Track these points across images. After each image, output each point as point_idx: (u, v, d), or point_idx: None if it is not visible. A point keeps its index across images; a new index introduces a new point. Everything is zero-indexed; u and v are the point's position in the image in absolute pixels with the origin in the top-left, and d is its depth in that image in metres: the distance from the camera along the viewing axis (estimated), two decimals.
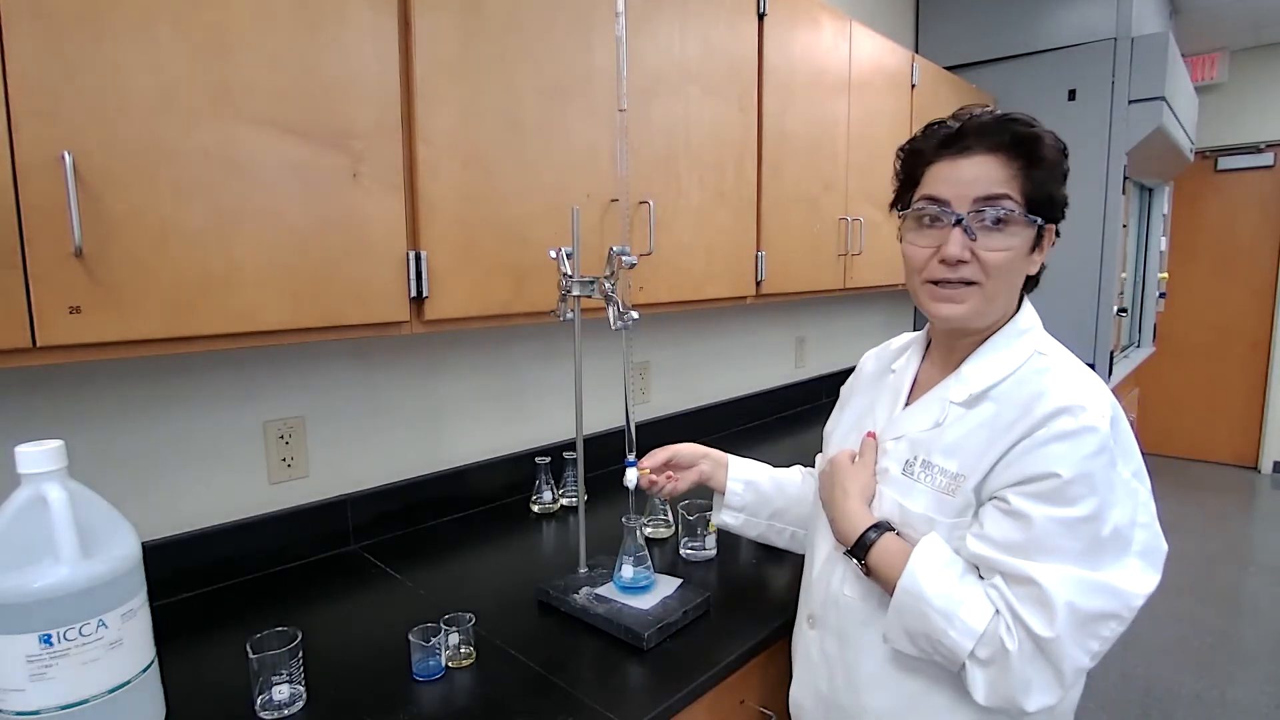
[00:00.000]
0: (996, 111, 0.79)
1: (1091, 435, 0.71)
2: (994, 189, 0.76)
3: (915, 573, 0.75)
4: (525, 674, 0.90)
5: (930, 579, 0.74)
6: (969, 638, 0.72)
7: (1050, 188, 0.78)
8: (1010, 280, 0.80)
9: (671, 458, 1.10)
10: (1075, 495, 0.70)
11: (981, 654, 0.72)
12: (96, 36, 0.73)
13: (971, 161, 0.77)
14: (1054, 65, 2.87)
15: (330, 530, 1.29)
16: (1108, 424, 0.72)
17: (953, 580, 0.74)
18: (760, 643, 0.99)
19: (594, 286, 1.03)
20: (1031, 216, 0.77)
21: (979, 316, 0.81)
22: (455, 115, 1.04)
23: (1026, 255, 0.79)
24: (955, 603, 0.73)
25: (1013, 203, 0.76)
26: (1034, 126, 0.77)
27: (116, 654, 0.71)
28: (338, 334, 0.97)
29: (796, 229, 1.80)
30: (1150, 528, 0.75)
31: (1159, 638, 2.64)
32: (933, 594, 0.73)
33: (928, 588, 0.74)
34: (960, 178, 0.78)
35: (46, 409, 1.00)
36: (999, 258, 0.77)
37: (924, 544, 0.77)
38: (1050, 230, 0.80)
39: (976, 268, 0.78)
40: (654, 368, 1.95)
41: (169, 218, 0.79)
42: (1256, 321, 4.58)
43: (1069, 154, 0.80)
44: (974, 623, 0.72)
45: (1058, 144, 0.78)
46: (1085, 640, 0.70)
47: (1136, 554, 0.73)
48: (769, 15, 1.60)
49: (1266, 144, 4.44)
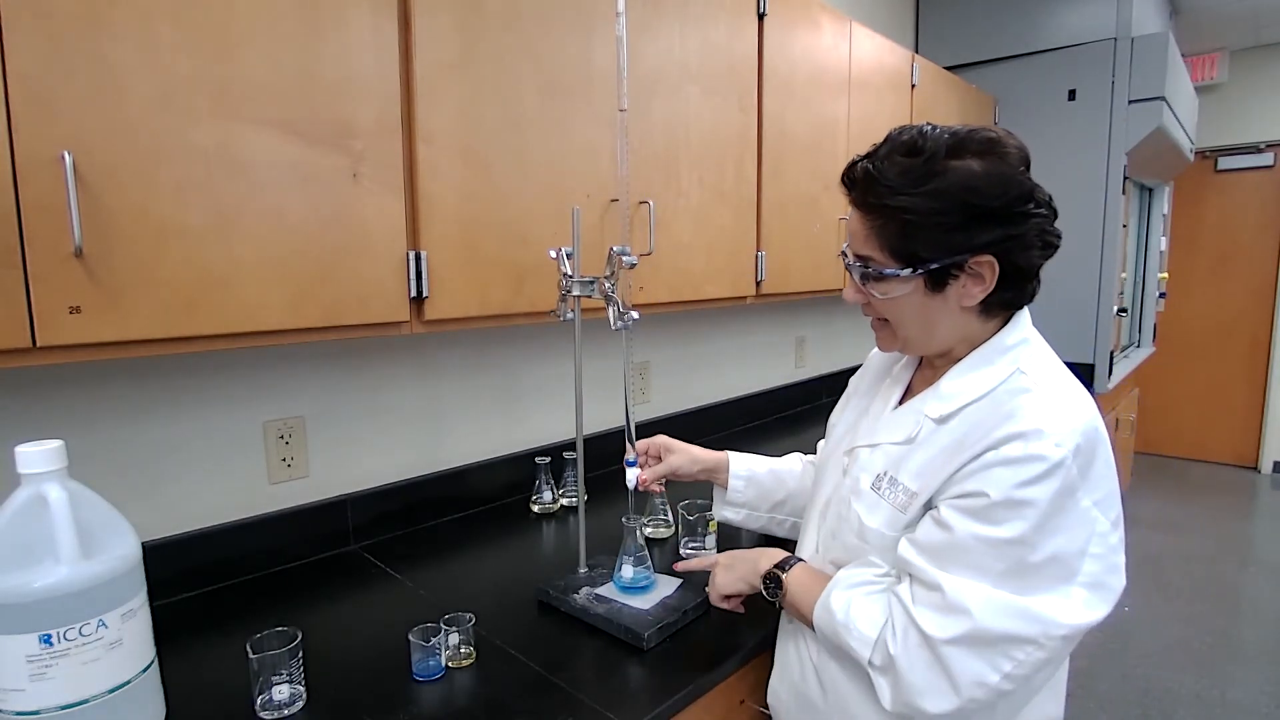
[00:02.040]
0: (893, 148, 0.76)
1: (1036, 463, 0.68)
2: (859, 248, 0.79)
3: (831, 589, 0.80)
4: (525, 674, 0.90)
5: (838, 597, 0.79)
6: (865, 645, 0.75)
7: (914, 243, 0.74)
8: (917, 319, 0.79)
9: (670, 474, 1.11)
10: (1001, 517, 0.68)
11: (877, 660, 0.74)
12: (96, 36, 0.73)
13: (853, 216, 0.81)
14: (1054, 65, 2.87)
15: (330, 530, 1.29)
16: (1067, 451, 0.68)
17: (859, 593, 0.78)
18: (760, 643, 0.99)
19: (594, 286, 1.03)
20: (905, 270, 0.75)
21: (910, 347, 0.84)
22: (455, 115, 1.04)
23: (930, 296, 0.77)
24: (854, 613, 0.76)
25: (877, 262, 0.77)
26: (880, 187, 0.74)
27: (116, 654, 0.71)
28: (338, 334, 0.97)
29: (796, 229, 1.80)
30: (1105, 560, 0.70)
31: (1159, 638, 2.64)
32: (836, 606, 0.78)
33: (834, 601, 0.79)
34: (850, 228, 0.82)
35: (46, 409, 1.00)
36: (886, 304, 0.80)
37: (847, 567, 0.82)
38: (981, 263, 0.74)
39: (878, 310, 0.82)
40: (654, 368, 1.95)
41: (169, 218, 0.79)
42: (1256, 321, 4.58)
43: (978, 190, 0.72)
44: (867, 630, 0.75)
45: (925, 193, 0.72)
46: (992, 658, 0.68)
47: (1082, 584, 0.69)
48: (769, 15, 1.60)
49: (1266, 144, 4.44)
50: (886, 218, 0.75)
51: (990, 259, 0.74)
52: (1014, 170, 0.74)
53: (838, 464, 0.91)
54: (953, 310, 0.78)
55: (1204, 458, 4.84)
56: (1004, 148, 0.74)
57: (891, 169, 0.74)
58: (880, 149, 0.77)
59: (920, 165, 0.73)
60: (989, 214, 0.73)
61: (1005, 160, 0.74)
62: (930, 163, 0.73)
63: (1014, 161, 0.74)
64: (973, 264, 0.74)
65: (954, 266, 0.75)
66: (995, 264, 0.74)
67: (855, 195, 0.79)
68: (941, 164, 0.73)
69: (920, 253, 0.75)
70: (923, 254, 0.75)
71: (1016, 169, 0.74)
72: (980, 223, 0.73)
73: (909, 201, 0.73)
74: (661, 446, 1.12)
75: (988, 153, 0.73)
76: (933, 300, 0.77)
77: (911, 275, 0.76)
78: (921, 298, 0.77)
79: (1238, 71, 4.42)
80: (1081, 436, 0.70)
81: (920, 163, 0.73)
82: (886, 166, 0.75)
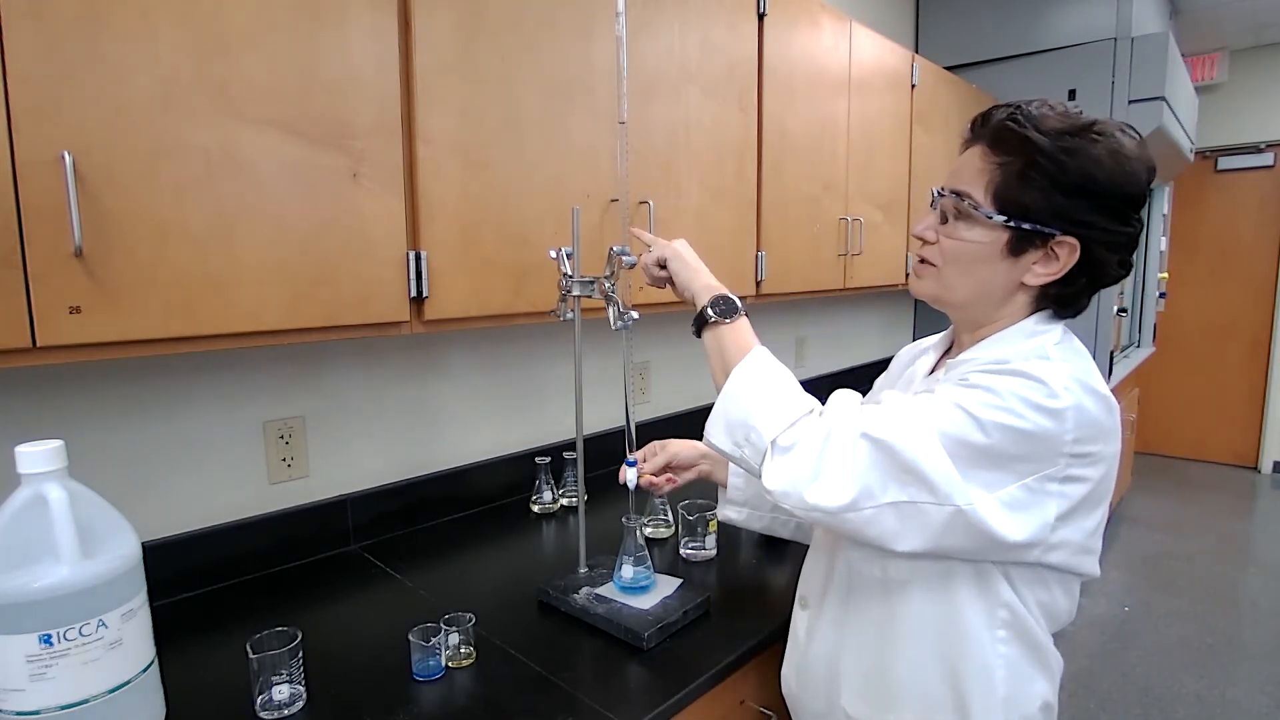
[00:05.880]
0: (1045, 104, 0.76)
1: (1030, 381, 0.68)
2: (961, 183, 0.78)
3: (761, 357, 0.79)
4: (525, 674, 0.90)
5: (775, 368, 0.78)
6: (780, 423, 0.73)
7: (1024, 192, 0.74)
8: (973, 274, 0.79)
9: (671, 460, 1.12)
10: (979, 401, 0.68)
11: (784, 440, 0.72)
12: (96, 36, 0.73)
13: (968, 153, 0.80)
14: (1054, 65, 2.87)
15: (330, 530, 1.29)
16: (1070, 404, 0.68)
17: (794, 382, 0.78)
18: (760, 643, 0.99)
19: (594, 286, 1.03)
20: (997, 217, 0.75)
21: (945, 295, 0.83)
22: (455, 115, 1.04)
23: (1002, 256, 0.76)
24: (783, 394, 0.75)
25: (973, 200, 0.76)
26: (1025, 126, 0.74)
27: (116, 654, 0.71)
28: (338, 334, 0.97)
29: (796, 229, 1.80)
30: (1039, 504, 0.69)
31: (1159, 638, 2.64)
32: (769, 380, 0.77)
33: (767, 374, 0.77)
34: (956, 166, 0.81)
35: (46, 409, 1.00)
36: (950, 245, 0.79)
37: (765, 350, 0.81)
38: (1064, 244, 0.74)
39: (936, 251, 0.81)
40: (654, 368, 1.95)
41: (169, 218, 0.79)
42: (1256, 321, 4.58)
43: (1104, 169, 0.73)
44: (791, 410, 0.73)
45: (1061, 148, 0.72)
46: (897, 475, 0.68)
47: (1002, 500, 0.68)
48: (769, 15, 1.60)
49: (1266, 144, 4.44)
50: (1014, 155, 0.74)
51: (1074, 243, 0.74)
52: (1140, 176, 0.74)
53: None
54: (1012, 281, 0.78)
55: (1204, 458, 4.84)
56: (1141, 155, 0.75)
57: (1041, 116, 0.75)
58: (1030, 102, 0.77)
59: (1069, 123, 0.74)
60: (1100, 197, 0.73)
61: (1136, 161, 0.74)
62: (1079, 127, 0.74)
63: (1141, 169, 0.75)
64: (1057, 242, 0.74)
65: (1040, 236, 0.75)
66: (1077, 250, 0.74)
67: (984, 131, 0.78)
68: (1087, 134, 0.73)
69: (1026, 203, 0.74)
70: (1027, 205, 0.74)
71: (1143, 177, 0.75)
72: (1089, 200, 0.73)
73: (1047, 144, 0.72)
74: (656, 447, 1.13)
75: (1125, 150, 0.74)
76: (1001, 263, 0.77)
77: (1002, 226, 0.75)
78: (993, 254, 0.77)
79: (1238, 71, 4.43)
80: (1091, 396, 0.70)
81: (1070, 122, 0.74)
82: (1035, 112, 0.75)
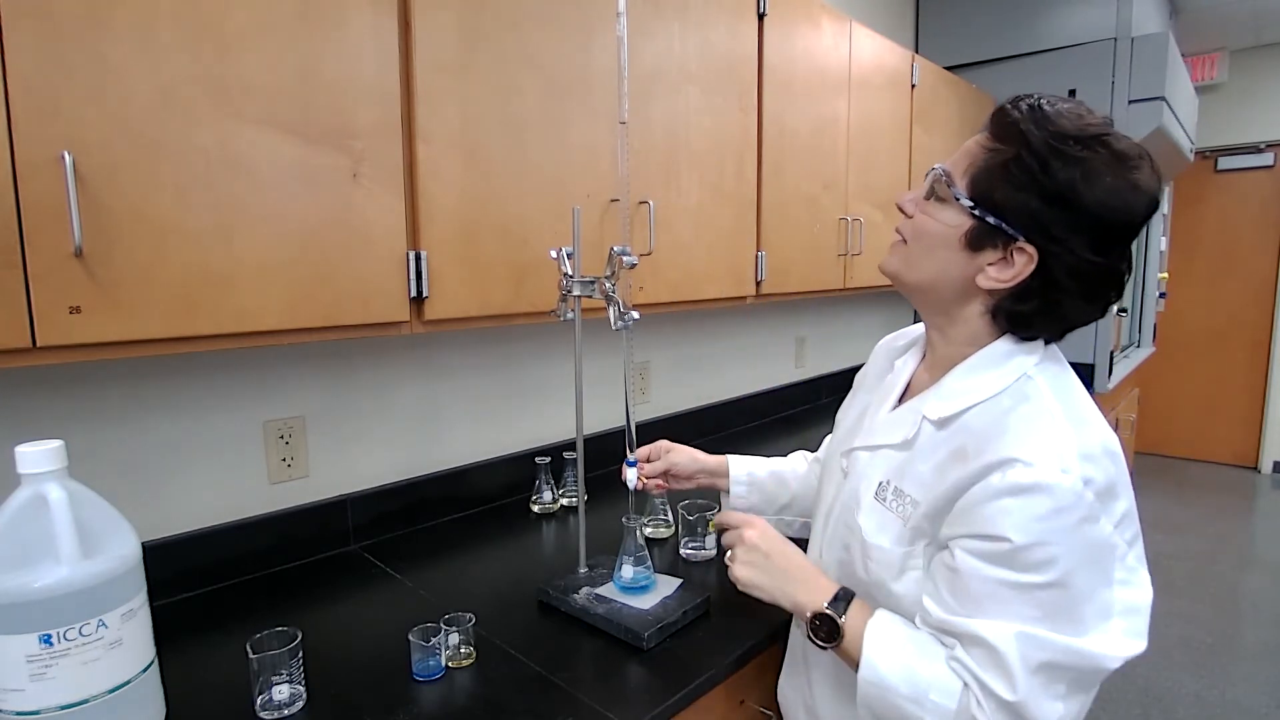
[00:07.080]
0: (1069, 104, 0.72)
1: (1043, 494, 0.65)
2: (950, 163, 0.77)
3: (874, 664, 0.72)
4: (525, 674, 0.90)
5: (890, 665, 0.72)
6: (944, 717, 0.69)
7: (1001, 184, 0.71)
8: (933, 256, 0.77)
9: (669, 469, 1.12)
10: (1030, 561, 0.65)
11: None
12: (96, 36, 0.73)
13: (976, 135, 0.78)
14: (1054, 65, 2.87)
15: (330, 530, 1.29)
16: (1077, 479, 0.65)
17: (913, 659, 0.71)
18: (760, 643, 0.99)
19: (594, 286, 1.03)
20: (965, 201, 0.73)
21: (897, 272, 0.82)
22: (455, 115, 1.04)
23: (961, 245, 0.74)
24: (922, 687, 0.70)
25: (950, 180, 0.75)
26: (1023, 118, 0.70)
27: (116, 654, 0.71)
28: (338, 334, 0.97)
29: (796, 229, 1.80)
30: (1130, 583, 0.68)
31: (1159, 638, 2.64)
32: (896, 681, 0.71)
33: (889, 675, 0.71)
34: (962, 147, 0.79)
35: (46, 409, 1.00)
36: (920, 221, 0.79)
37: (874, 627, 0.74)
38: (1024, 252, 0.71)
39: (910, 226, 0.81)
40: (654, 368, 1.95)
41: (169, 218, 0.79)
42: (1256, 321, 4.58)
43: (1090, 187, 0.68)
44: (945, 702, 0.69)
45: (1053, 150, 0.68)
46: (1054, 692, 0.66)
47: (1119, 615, 0.67)
48: (769, 15, 1.60)
49: (1266, 144, 4.44)
50: (1005, 145, 0.72)
51: (1033, 253, 0.70)
52: (1136, 208, 0.69)
53: (837, 465, 0.90)
54: (966, 277, 0.75)
55: (1204, 458, 4.84)
56: (1148, 188, 0.70)
57: (1053, 114, 0.70)
58: (1055, 98, 0.72)
59: (1078, 128, 0.69)
60: (1081, 214, 0.68)
61: (1137, 193, 0.69)
62: (1086, 135, 0.68)
63: (1140, 203, 0.69)
64: (1018, 247, 0.71)
65: (1002, 236, 0.72)
66: (1033, 262, 0.71)
67: (995, 117, 0.75)
68: (1092, 144, 0.68)
69: (998, 197, 0.71)
70: (999, 200, 0.71)
71: (1139, 210, 0.70)
72: (1067, 214, 0.68)
73: (1039, 142, 0.68)
74: (662, 449, 1.13)
75: (1131, 176, 0.69)
76: (959, 253, 0.75)
77: (966, 212, 0.73)
78: (954, 240, 0.75)
79: (1238, 71, 4.42)
80: (1091, 462, 0.66)
81: (1079, 127, 0.69)
82: (1049, 108, 0.71)
